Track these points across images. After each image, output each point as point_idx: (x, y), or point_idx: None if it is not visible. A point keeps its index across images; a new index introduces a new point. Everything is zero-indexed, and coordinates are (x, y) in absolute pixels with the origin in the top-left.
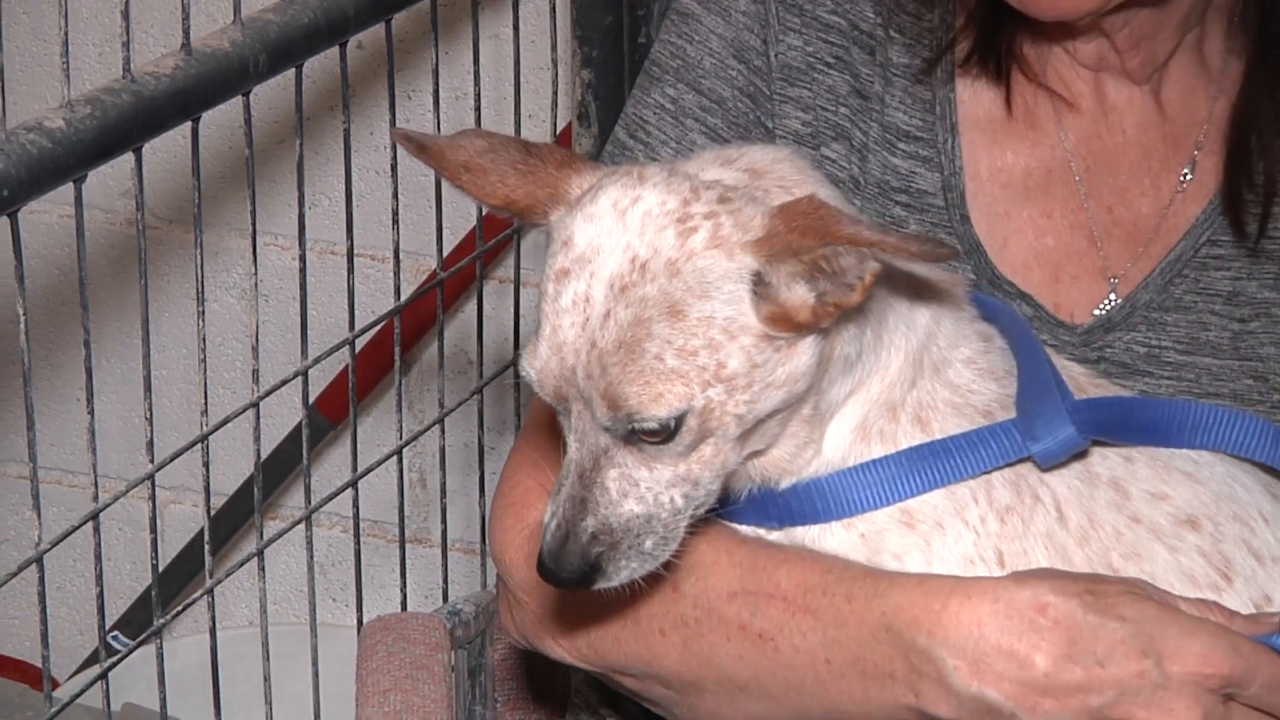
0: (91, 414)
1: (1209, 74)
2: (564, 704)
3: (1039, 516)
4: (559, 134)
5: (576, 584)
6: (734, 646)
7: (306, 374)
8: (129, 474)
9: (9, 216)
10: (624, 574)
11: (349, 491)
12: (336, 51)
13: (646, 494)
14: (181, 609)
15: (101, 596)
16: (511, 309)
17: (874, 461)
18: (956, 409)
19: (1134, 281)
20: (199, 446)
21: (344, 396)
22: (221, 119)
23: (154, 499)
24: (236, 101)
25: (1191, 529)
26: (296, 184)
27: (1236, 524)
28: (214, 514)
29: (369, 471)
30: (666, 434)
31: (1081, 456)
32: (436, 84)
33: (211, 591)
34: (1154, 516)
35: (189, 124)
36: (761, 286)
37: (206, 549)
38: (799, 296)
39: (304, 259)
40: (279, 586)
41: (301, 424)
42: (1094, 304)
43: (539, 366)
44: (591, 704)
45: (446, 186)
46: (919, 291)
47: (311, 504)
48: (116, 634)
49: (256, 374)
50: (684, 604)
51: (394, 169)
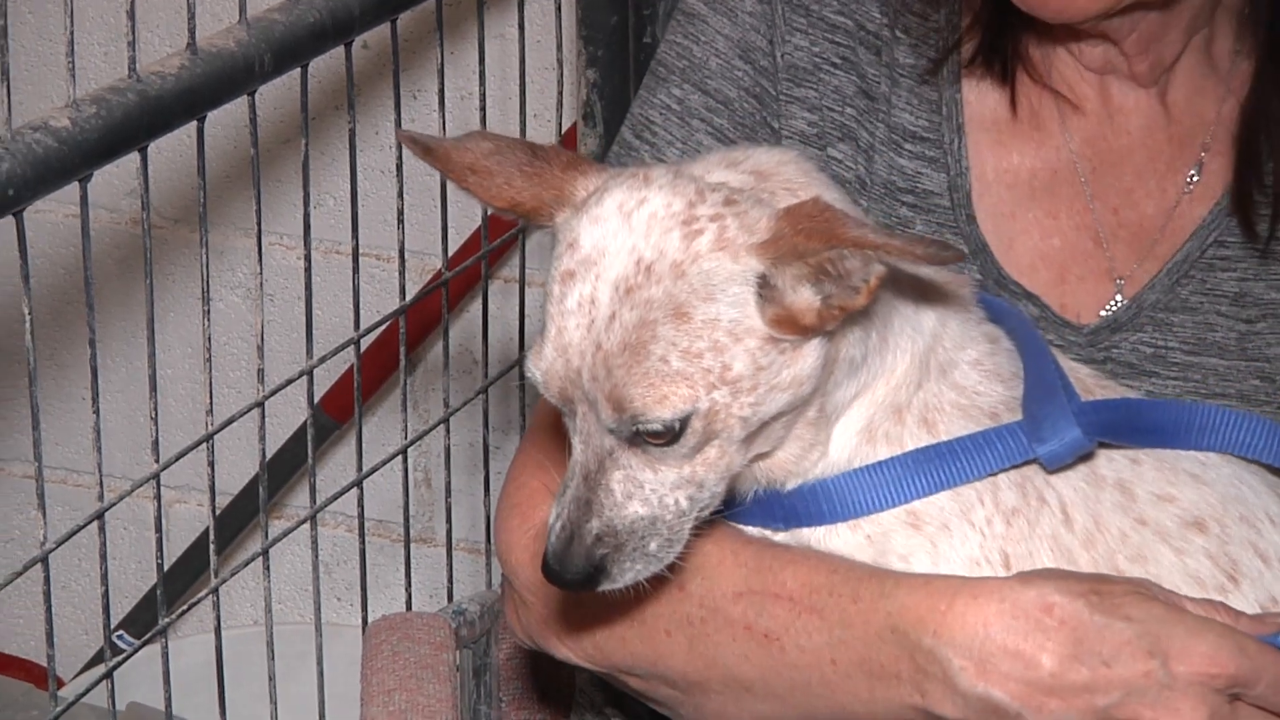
0: (97, 413)
1: (1217, 74)
2: (569, 703)
3: (1045, 519)
4: (564, 134)
5: (581, 586)
6: (740, 647)
7: (311, 373)
8: (134, 473)
9: (15, 216)
10: (628, 576)
11: (354, 491)
12: (342, 51)
13: (651, 496)
14: (186, 608)
15: (106, 596)
16: (516, 309)
17: (880, 463)
18: (963, 411)
19: (1140, 282)
20: (204, 446)
21: (349, 396)
22: (227, 119)
23: (159, 498)
24: (242, 101)
25: (1198, 531)
26: (302, 184)
27: (1243, 525)
28: (219, 513)
29: (374, 471)
30: (671, 436)
31: (1088, 458)
32: (442, 84)
33: (216, 591)
34: (1160, 518)
35: (194, 123)
36: (767, 289)
37: (212, 548)
38: (804, 299)
39: (309, 258)
40: (284, 586)
41: (306, 423)
42: (1100, 305)
43: (544, 368)
44: (596, 704)
45: (451, 187)
46: (925, 293)
47: (316, 503)
48: (121, 633)
49: (261, 373)
50: (690, 604)
51: (399, 169)
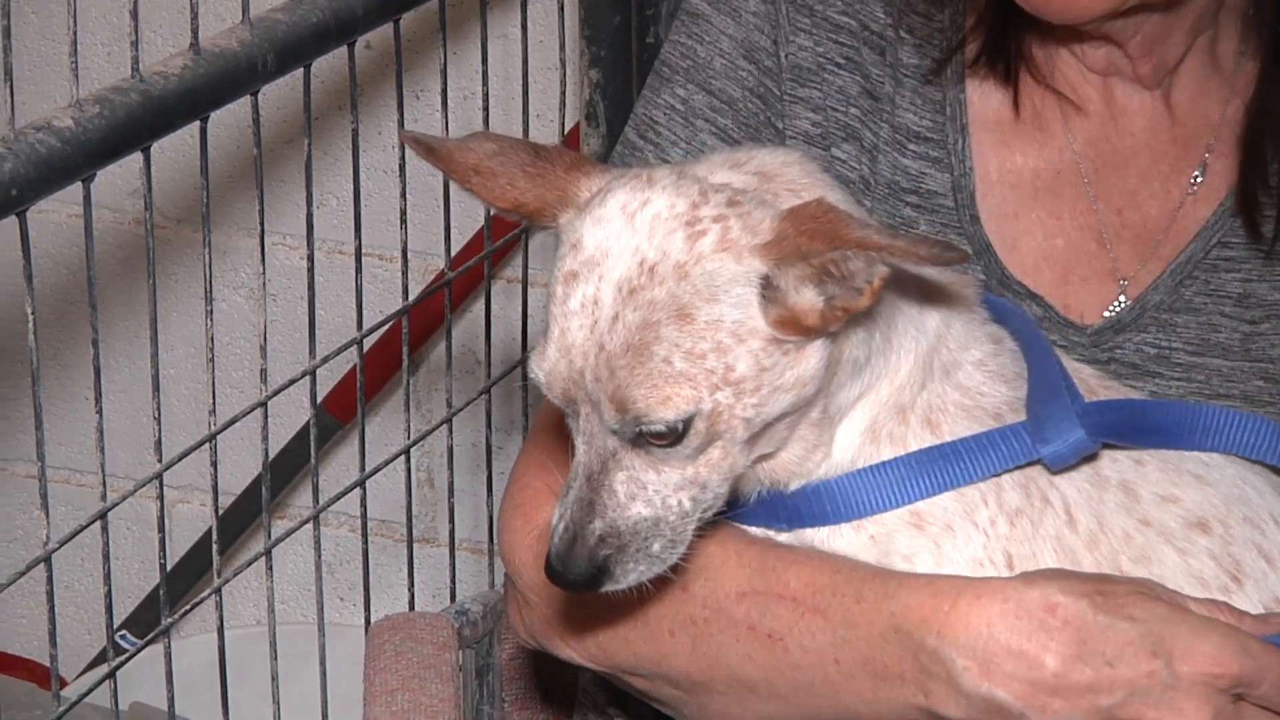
0: (100, 413)
1: (1221, 75)
2: (571, 704)
3: (1048, 519)
4: (567, 134)
5: (584, 586)
6: (743, 647)
7: (314, 373)
8: (137, 473)
9: (18, 216)
10: (631, 577)
11: (357, 491)
12: (345, 51)
13: (654, 497)
14: (189, 608)
15: (109, 596)
16: (519, 309)
17: (884, 464)
18: (966, 411)
19: (1144, 283)
20: (207, 446)
21: (352, 396)
22: (230, 119)
23: (162, 498)
24: (245, 101)
25: (1202, 531)
26: (305, 183)
27: (1247, 526)
28: (222, 513)
29: (377, 471)
30: (674, 437)
31: (1091, 459)
32: (445, 84)
33: (219, 591)
34: (1164, 519)
35: (197, 123)
36: (770, 290)
37: (214, 548)
38: (807, 300)
39: (312, 258)
40: (287, 586)
41: (309, 423)
42: (1104, 306)
43: (547, 369)
44: (599, 704)
45: (454, 187)
46: (929, 294)
47: (319, 503)
48: (124, 633)
49: (264, 373)
50: (693, 604)
51: (402, 169)
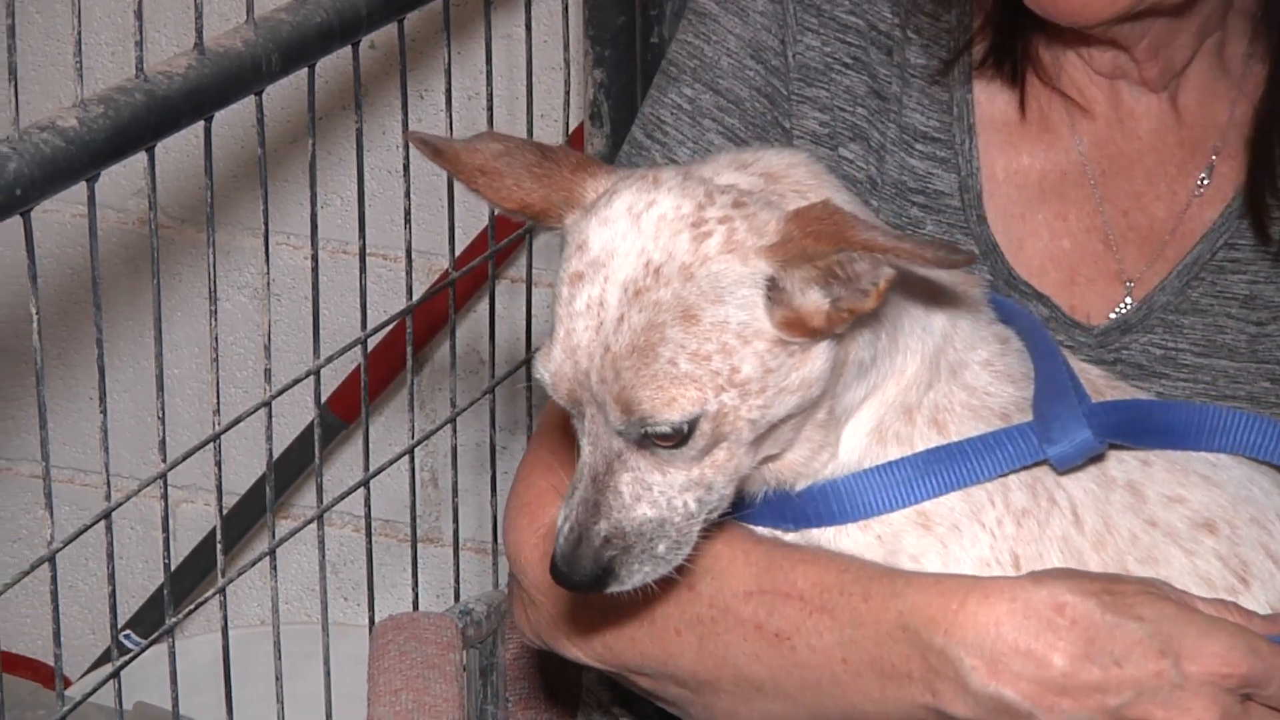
0: (104, 413)
1: (1229, 78)
2: (576, 703)
3: (1055, 520)
4: (571, 134)
5: (589, 587)
6: (750, 646)
7: (319, 373)
8: (141, 473)
9: (22, 216)
10: (636, 578)
11: (361, 491)
12: (349, 51)
13: (659, 498)
14: (194, 608)
15: (114, 595)
16: (523, 309)
17: (890, 464)
18: (973, 411)
19: (1150, 284)
20: (211, 445)
21: (356, 396)
22: (234, 118)
23: (166, 498)
24: (249, 101)
25: (1208, 532)
26: (309, 183)
27: (1254, 527)
28: (226, 513)
29: (381, 471)
30: (680, 438)
31: (1098, 460)
32: (449, 84)
33: (223, 590)
34: (1170, 520)
35: (202, 123)
36: (776, 291)
37: (219, 548)
38: (813, 302)
39: (316, 258)
40: (291, 586)
41: (314, 423)
42: (1110, 307)
43: (553, 370)
44: (604, 703)
45: (459, 187)
46: (935, 294)
47: (323, 503)
48: (128, 633)
49: (269, 373)
50: (700, 603)
51: (406, 168)
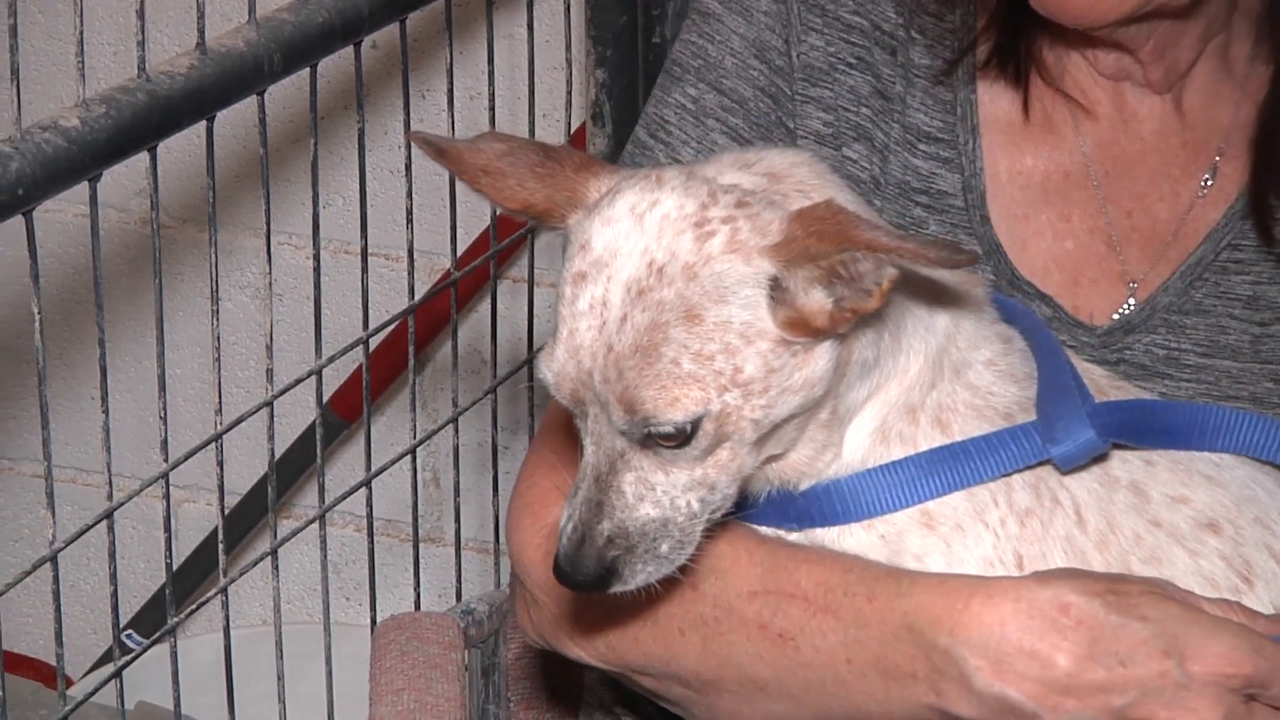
0: (106, 413)
1: (1233, 79)
2: (577, 703)
3: (1058, 520)
4: (573, 134)
5: (592, 587)
6: (754, 646)
7: (320, 373)
8: (143, 473)
9: (24, 215)
10: (640, 578)
11: (363, 490)
12: (351, 51)
13: (663, 498)
14: (195, 608)
15: (115, 595)
16: (525, 308)
17: (894, 463)
18: (977, 411)
19: (1153, 285)
20: (213, 445)
21: (358, 395)
22: (236, 118)
23: (168, 498)
24: (251, 101)
25: (1212, 532)
26: (311, 183)
27: (1258, 527)
28: (228, 513)
29: (383, 471)
30: (683, 438)
31: (1102, 459)
32: (451, 84)
33: (225, 590)
34: (1174, 520)
35: (204, 123)
36: (779, 291)
37: (220, 548)
38: (816, 302)
39: (318, 258)
40: (293, 585)
41: (315, 423)
42: (1113, 308)
43: (556, 370)
44: (605, 703)
45: (461, 186)
46: (938, 294)
47: (325, 503)
48: (130, 632)
49: (270, 373)
50: (704, 603)
51: (408, 168)
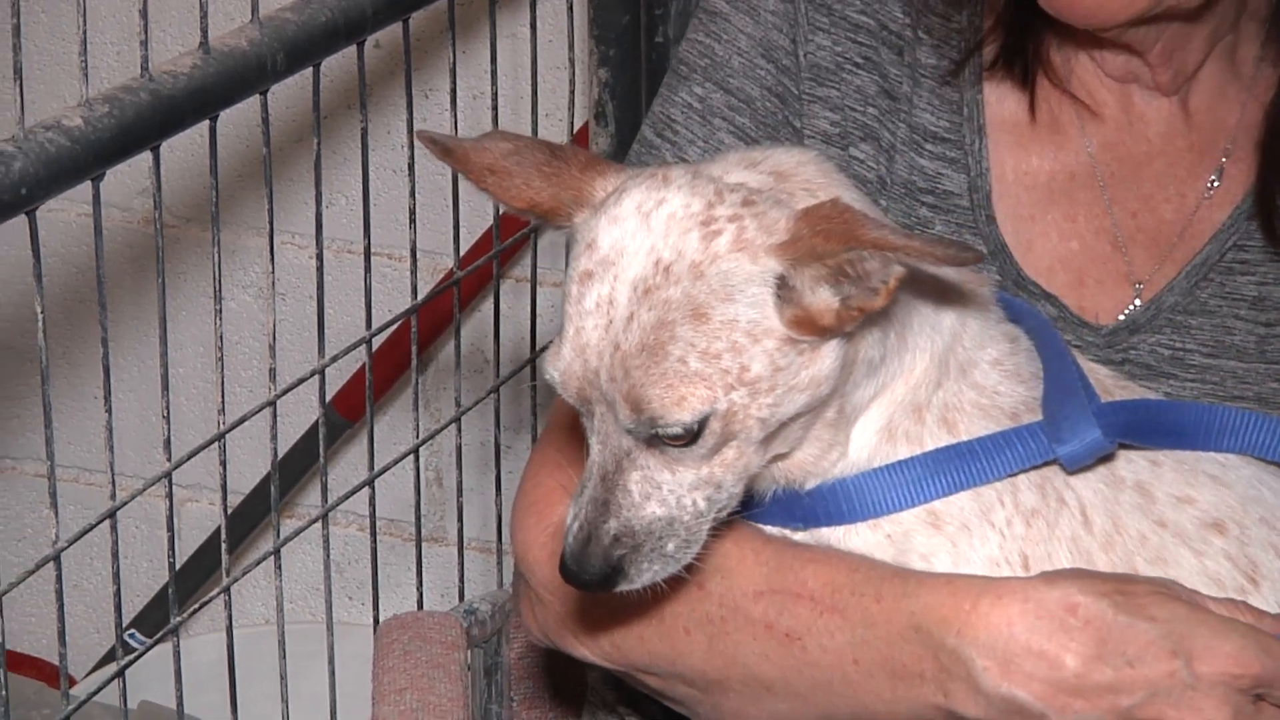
0: (109, 412)
1: (1240, 81)
2: (580, 702)
3: (1064, 520)
4: (576, 133)
5: (598, 586)
6: (760, 646)
7: (323, 373)
8: (146, 472)
9: (27, 215)
10: (646, 576)
11: (365, 490)
12: (354, 50)
13: (669, 496)
14: (198, 607)
15: (118, 594)
16: (528, 308)
17: (900, 463)
18: (983, 410)
19: (1158, 286)
20: (216, 445)
21: (361, 395)
22: (239, 118)
23: (171, 497)
24: (254, 100)
25: (1218, 532)
26: (314, 183)
27: (1263, 527)
28: (231, 512)
29: (386, 470)
30: (689, 437)
31: (1107, 460)
32: (454, 83)
33: (228, 590)
34: (1179, 520)
35: (207, 123)
36: (785, 290)
37: (223, 547)
38: (823, 300)
39: (321, 258)
40: (295, 585)
41: (318, 422)
42: (1119, 309)
43: (562, 368)
44: (608, 702)
45: (464, 185)
46: (944, 293)
47: (328, 502)
48: (133, 632)
49: (273, 372)
50: (710, 603)
51: (411, 168)
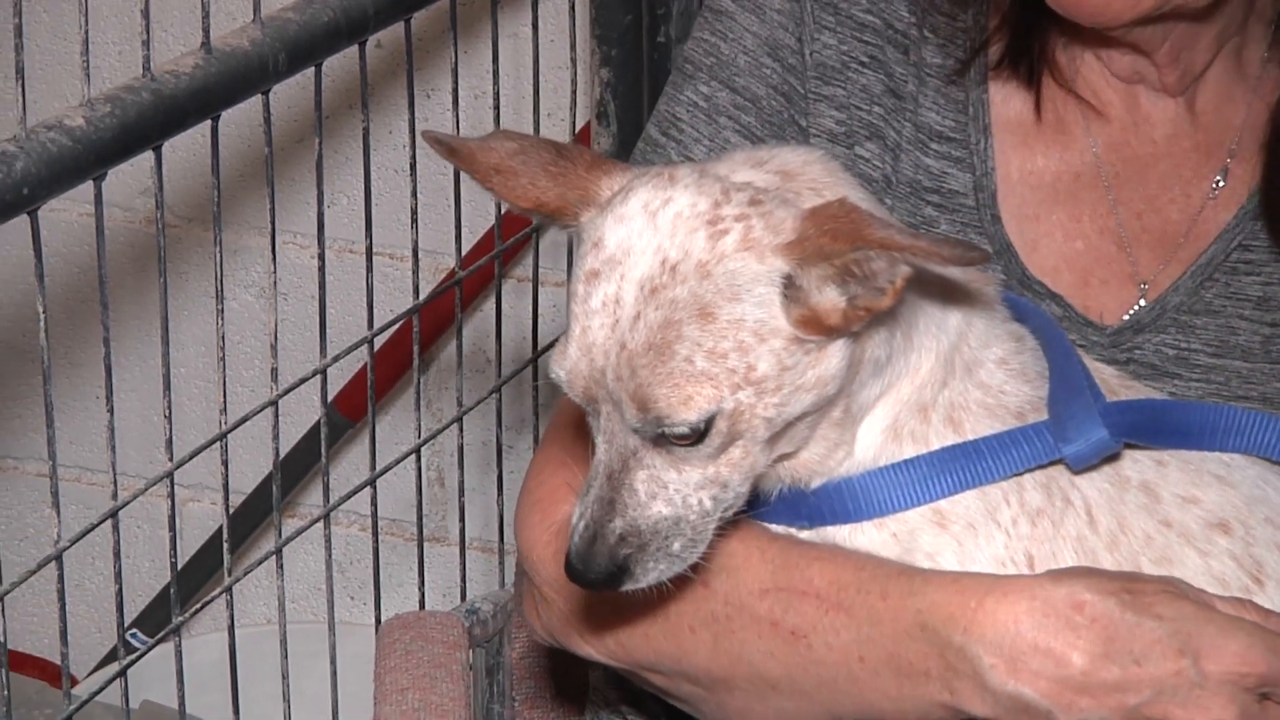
0: (111, 412)
1: (1246, 81)
2: (583, 702)
3: (1069, 520)
4: (578, 133)
5: (604, 585)
6: (765, 644)
7: (325, 372)
8: (148, 472)
9: (29, 215)
10: (651, 576)
11: (367, 490)
12: (356, 50)
13: (675, 496)
14: (200, 607)
15: (120, 594)
16: (530, 308)
17: (906, 462)
18: (988, 410)
19: (1163, 286)
20: (218, 445)
21: (362, 395)
22: (241, 118)
23: (173, 497)
24: (256, 100)
25: (1222, 532)
26: (316, 183)
27: (1269, 527)
28: (233, 512)
29: (387, 470)
30: (696, 436)
31: (1113, 459)
32: (456, 83)
33: (230, 589)
34: (1184, 520)
35: (209, 123)
36: (792, 289)
37: (225, 547)
38: (830, 300)
39: (323, 257)
40: (297, 585)
41: (320, 422)
42: (1123, 309)
43: (568, 368)
44: (611, 702)
45: (466, 185)
46: (950, 292)
47: (330, 502)
48: (135, 632)
49: (275, 372)
50: (715, 601)
51: (413, 168)
